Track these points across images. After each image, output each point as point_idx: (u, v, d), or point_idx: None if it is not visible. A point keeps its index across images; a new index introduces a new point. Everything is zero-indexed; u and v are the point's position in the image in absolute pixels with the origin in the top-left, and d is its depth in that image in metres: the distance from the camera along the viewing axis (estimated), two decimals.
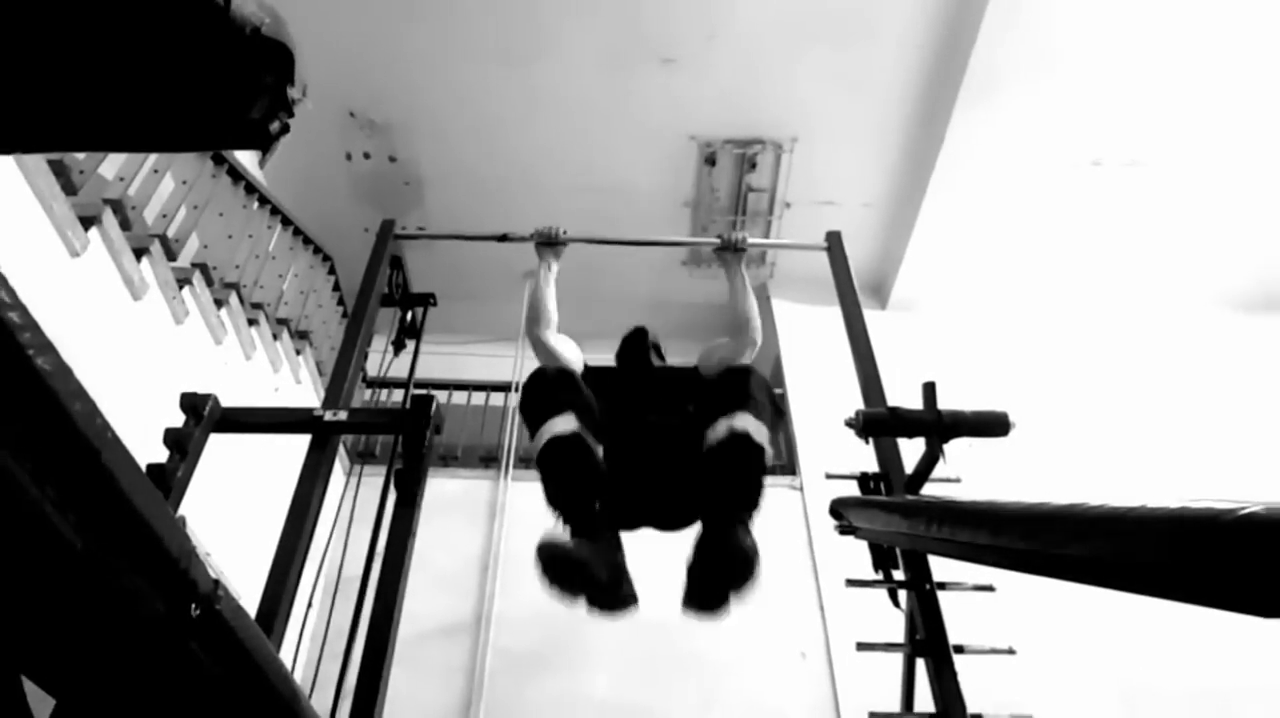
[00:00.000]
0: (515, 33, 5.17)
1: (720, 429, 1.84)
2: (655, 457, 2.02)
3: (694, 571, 1.76)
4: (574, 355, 2.15)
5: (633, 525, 2.05)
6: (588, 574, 1.71)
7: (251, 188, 3.94)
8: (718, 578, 1.74)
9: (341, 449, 4.75)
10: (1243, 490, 4.83)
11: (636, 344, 2.37)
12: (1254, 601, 0.52)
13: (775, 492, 5.13)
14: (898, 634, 1.95)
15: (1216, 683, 4.23)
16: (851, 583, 2.00)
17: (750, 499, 1.81)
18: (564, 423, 1.85)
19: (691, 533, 1.85)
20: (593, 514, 1.80)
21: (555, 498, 1.82)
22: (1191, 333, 6.20)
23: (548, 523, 1.78)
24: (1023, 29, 4.70)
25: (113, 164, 2.93)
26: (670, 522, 2.04)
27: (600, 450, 1.89)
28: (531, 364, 2.11)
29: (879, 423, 1.92)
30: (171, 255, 3.19)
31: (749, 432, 1.82)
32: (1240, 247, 6.01)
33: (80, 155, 2.61)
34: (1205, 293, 6.31)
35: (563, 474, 1.83)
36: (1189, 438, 5.38)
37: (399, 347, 2.78)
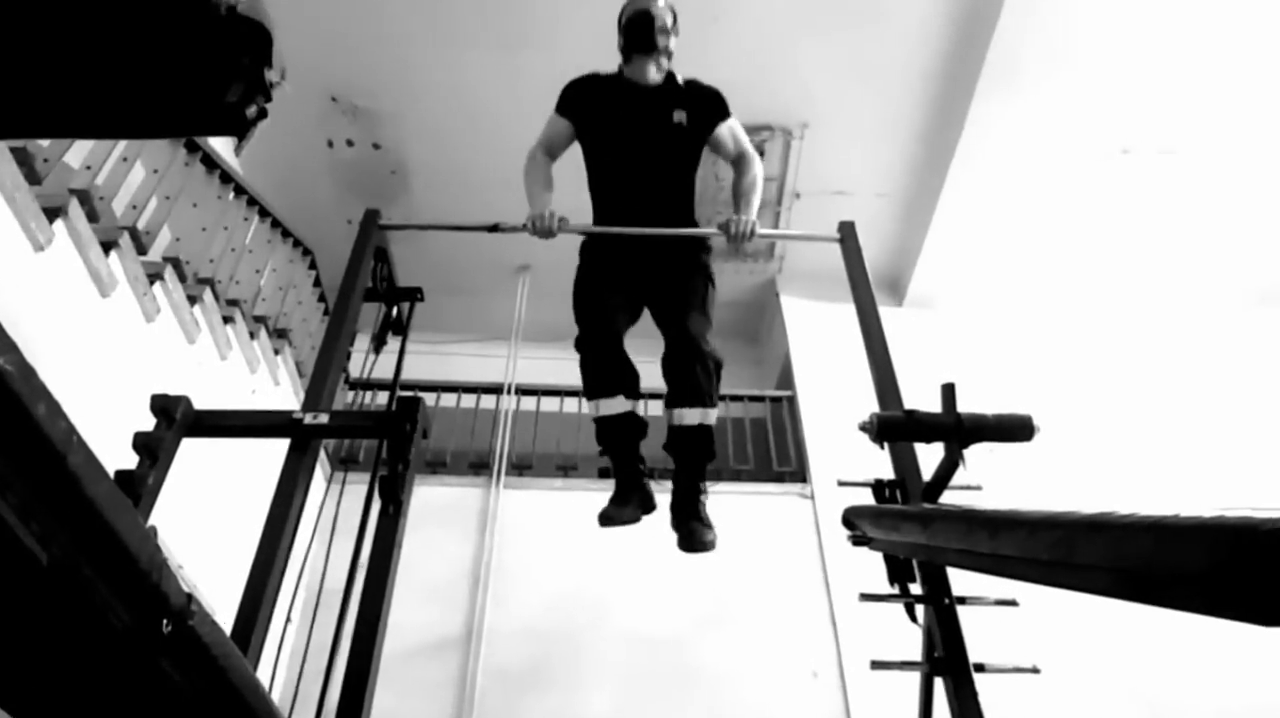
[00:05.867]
0: (507, 15, 5.17)
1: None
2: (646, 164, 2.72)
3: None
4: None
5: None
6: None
7: (227, 177, 3.93)
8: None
9: (322, 454, 4.74)
10: None
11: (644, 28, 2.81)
12: None
13: (784, 499, 5.15)
14: (914, 652, 1.95)
15: (1247, 701, 4.23)
16: (866, 597, 2.00)
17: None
18: (613, 405, 2.49)
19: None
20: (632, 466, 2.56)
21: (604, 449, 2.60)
22: (1227, 331, 6.19)
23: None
24: (1047, 9, 4.70)
25: (79, 152, 2.93)
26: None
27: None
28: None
29: (895, 427, 1.92)
30: (142, 249, 3.18)
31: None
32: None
33: (45, 143, 2.60)
34: (1242, 288, 6.31)
35: (611, 439, 2.55)
36: (1225, 441, 5.38)
37: (380, 343, 2.77)
